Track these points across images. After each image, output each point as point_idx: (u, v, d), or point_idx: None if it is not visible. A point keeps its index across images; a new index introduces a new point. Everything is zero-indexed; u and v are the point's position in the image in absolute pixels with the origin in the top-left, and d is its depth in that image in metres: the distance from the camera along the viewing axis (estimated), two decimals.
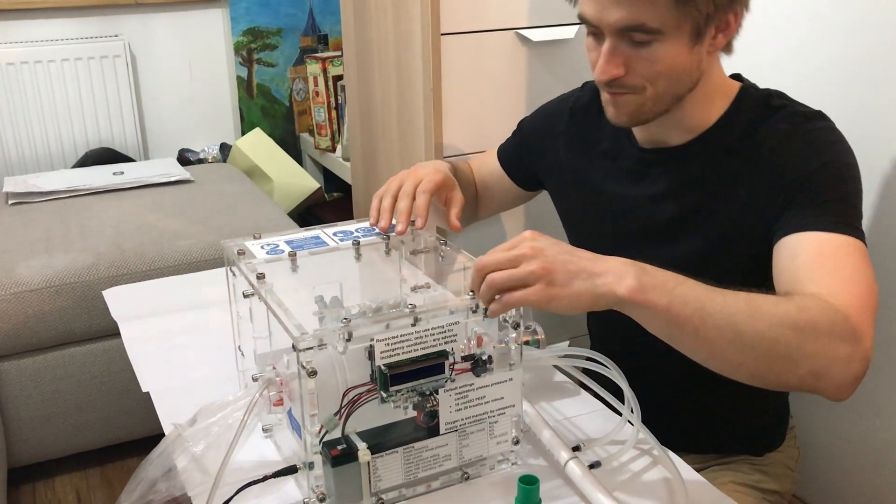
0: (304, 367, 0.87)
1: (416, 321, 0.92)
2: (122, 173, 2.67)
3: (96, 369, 2.10)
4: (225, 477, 0.95)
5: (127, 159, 2.98)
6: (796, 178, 1.08)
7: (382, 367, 0.91)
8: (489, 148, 1.51)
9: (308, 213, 3.18)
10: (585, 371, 1.12)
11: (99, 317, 2.05)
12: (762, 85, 1.20)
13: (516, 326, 0.97)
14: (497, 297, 0.92)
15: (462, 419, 0.98)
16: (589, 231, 1.32)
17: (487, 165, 1.49)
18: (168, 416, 1.13)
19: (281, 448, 1.07)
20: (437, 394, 0.94)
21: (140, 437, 2.20)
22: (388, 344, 0.91)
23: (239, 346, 1.17)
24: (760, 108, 1.15)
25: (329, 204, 3.30)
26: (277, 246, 1.15)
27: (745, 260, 1.14)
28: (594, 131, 1.31)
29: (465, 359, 0.96)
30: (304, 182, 3.15)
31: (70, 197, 2.50)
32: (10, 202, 2.47)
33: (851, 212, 1.06)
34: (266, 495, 0.98)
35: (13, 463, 2.08)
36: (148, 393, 1.22)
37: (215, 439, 1.01)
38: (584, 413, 1.15)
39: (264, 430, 1.10)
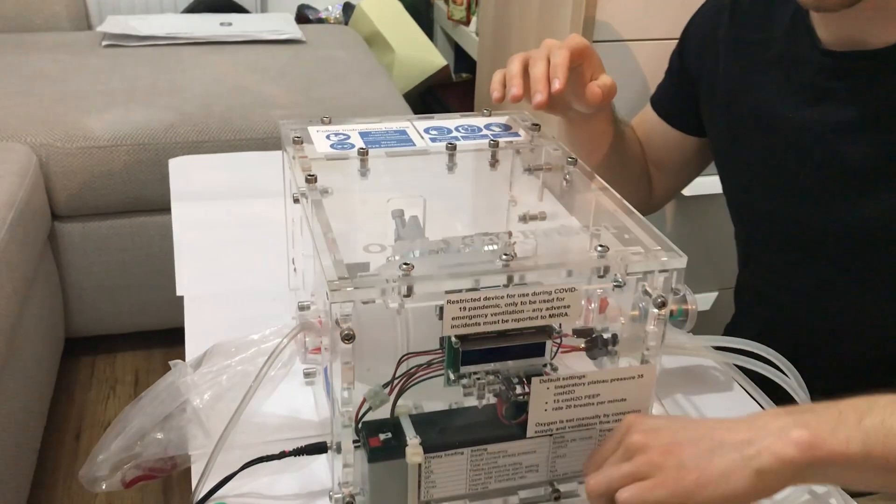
0: (338, 325, 0.60)
1: (510, 281, 0.62)
2: (230, 24, 2.45)
3: (168, 244, 1.88)
4: (237, 436, 0.72)
5: (241, 10, 2.78)
6: None
7: (453, 340, 0.63)
8: (653, 36, 1.18)
9: (429, 95, 2.88)
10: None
11: None
12: None
13: (661, 305, 0.66)
14: None
15: (562, 421, 0.68)
16: (748, 172, 1.00)
17: (646, 122, 1.17)
18: (196, 336, 0.97)
19: (319, 405, 0.82)
20: (530, 382, 0.65)
21: None
22: (465, 308, 0.61)
23: (293, 259, 0.93)
24: None
25: (455, 87, 2.98)
26: (348, 138, 0.86)
27: None
28: (759, 33, 0.99)
29: (578, 334, 0.67)
30: (429, 57, 2.84)
31: (167, 45, 2.29)
32: (103, 43, 2.28)
33: None
34: (284, 472, 0.74)
35: (72, 332, 1.95)
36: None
37: (225, 390, 0.76)
38: None
39: (306, 376, 0.85)
